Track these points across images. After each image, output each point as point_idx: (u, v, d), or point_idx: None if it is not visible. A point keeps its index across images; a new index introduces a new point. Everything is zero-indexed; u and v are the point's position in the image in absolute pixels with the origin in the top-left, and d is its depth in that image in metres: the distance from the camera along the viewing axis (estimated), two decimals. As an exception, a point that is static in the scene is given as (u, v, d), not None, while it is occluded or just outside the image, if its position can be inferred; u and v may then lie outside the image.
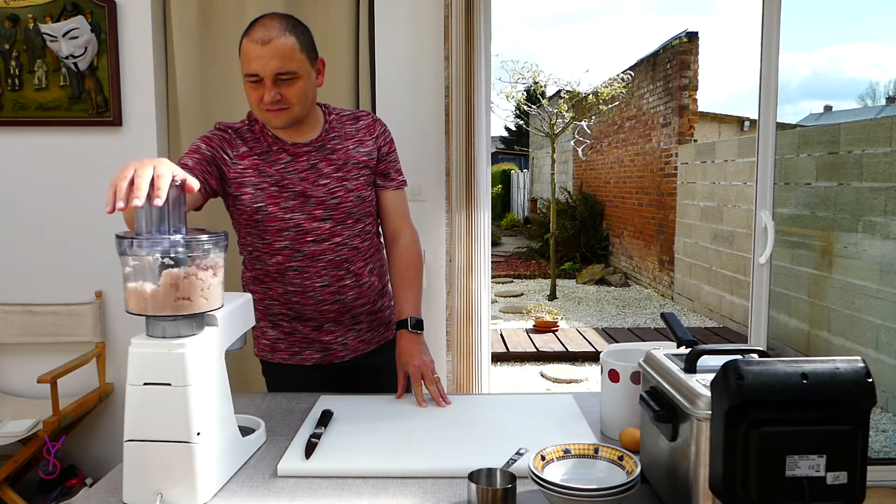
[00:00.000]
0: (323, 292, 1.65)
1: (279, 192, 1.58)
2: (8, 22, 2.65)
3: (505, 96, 8.78)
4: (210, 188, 1.54)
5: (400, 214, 1.76)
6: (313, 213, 1.60)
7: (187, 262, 1.09)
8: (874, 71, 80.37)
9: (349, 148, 1.65)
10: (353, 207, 1.64)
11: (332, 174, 1.61)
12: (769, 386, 0.87)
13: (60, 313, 2.75)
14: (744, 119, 10.48)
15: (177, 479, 1.10)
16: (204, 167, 1.52)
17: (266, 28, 1.48)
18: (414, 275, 1.72)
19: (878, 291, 3.99)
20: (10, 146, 2.73)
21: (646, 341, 2.05)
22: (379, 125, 1.71)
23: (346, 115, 1.69)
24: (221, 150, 1.56)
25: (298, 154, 1.60)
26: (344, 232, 1.63)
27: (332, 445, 1.31)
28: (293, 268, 1.63)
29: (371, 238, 1.72)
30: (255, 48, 1.47)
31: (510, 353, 5.63)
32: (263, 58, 1.46)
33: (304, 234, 1.60)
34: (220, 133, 1.59)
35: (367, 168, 1.66)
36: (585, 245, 10.62)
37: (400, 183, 1.75)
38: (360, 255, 1.68)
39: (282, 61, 1.47)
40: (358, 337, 1.74)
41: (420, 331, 1.65)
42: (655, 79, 9.00)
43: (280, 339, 1.72)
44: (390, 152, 1.72)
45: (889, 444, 3.71)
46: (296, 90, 1.51)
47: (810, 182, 4.80)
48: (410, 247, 1.75)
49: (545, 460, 1.13)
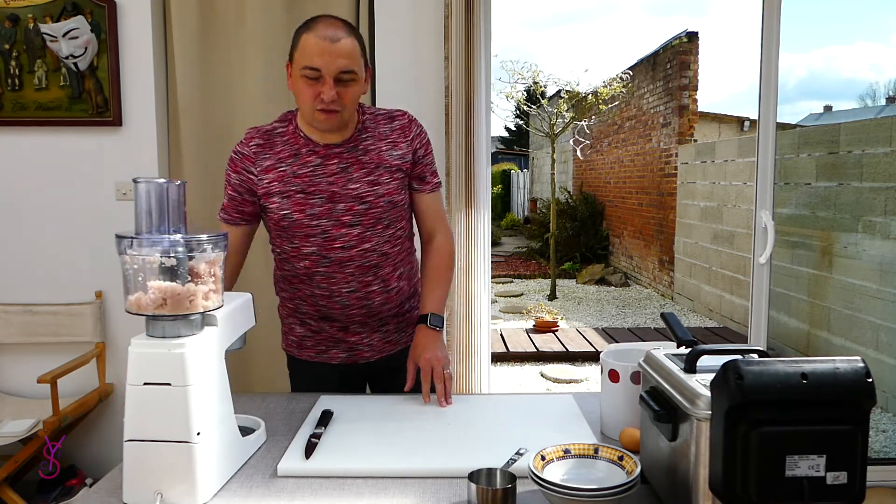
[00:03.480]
0: (349, 297, 1.64)
1: (305, 199, 1.56)
2: (8, 22, 2.65)
3: (505, 96, 8.78)
4: (248, 215, 1.61)
5: (435, 216, 1.72)
6: (341, 219, 1.57)
7: (186, 268, 1.09)
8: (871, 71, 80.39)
9: (382, 149, 1.61)
10: (383, 213, 1.60)
11: (363, 178, 1.58)
12: (769, 386, 0.87)
13: (60, 313, 2.75)
14: (744, 119, 10.49)
15: (177, 479, 1.10)
16: (235, 201, 1.60)
17: (333, 27, 1.47)
18: (442, 274, 1.71)
19: (878, 291, 3.99)
20: (10, 146, 2.73)
21: (646, 341, 2.05)
22: (415, 126, 1.66)
23: (382, 115, 1.65)
24: (246, 172, 1.58)
25: (329, 156, 1.57)
26: (373, 238, 1.60)
27: (332, 445, 1.31)
28: (320, 272, 1.62)
29: (402, 243, 1.68)
30: (323, 44, 1.45)
31: (510, 353, 5.63)
32: (330, 55, 1.45)
33: (331, 240, 1.58)
34: (242, 150, 1.59)
35: (399, 171, 1.62)
36: (585, 245, 10.62)
37: (435, 185, 1.70)
38: (389, 260, 1.65)
39: (348, 60, 1.47)
40: (384, 338, 1.73)
41: (439, 327, 1.64)
42: (655, 79, 9.00)
43: (307, 337, 1.73)
44: (426, 154, 1.67)
45: (889, 444, 3.71)
46: (351, 92, 1.50)
47: (810, 182, 4.80)
48: (443, 246, 1.72)
49: (545, 460, 1.13)
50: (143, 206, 1.09)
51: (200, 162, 2.74)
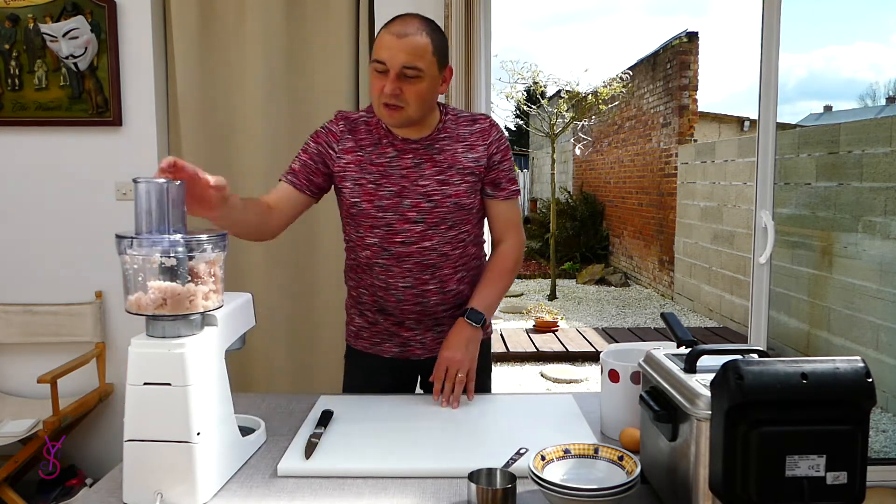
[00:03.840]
0: (405, 293, 1.65)
1: (376, 189, 1.58)
2: (8, 22, 2.65)
3: (505, 96, 8.80)
4: (317, 187, 1.61)
5: (507, 223, 1.71)
6: (406, 215, 1.59)
7: (186, 268, 1.09)
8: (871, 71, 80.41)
9: (457, 151, 1.61)
10: (447, 213, 1.60)
11: (433, 176, 1.59)
12: (769, 386, 0.87)
13: (60, 313, 2.75)
14: (744, 119, 10.49)
15: (177, 479, 1.10)
16: (309, 168, 1.60)
17: (405, 23, 1.50)
18: (498, 275, 1.69)
19: (878, 291, 3.99)
20: (10, 146, 2.73)
21: (646, 341, 2.05)
22: (495, 131, 1.66)
23: (464, 117, 1.66)
24: (327, 146, 1.61)
25: (405, 150, 1.59)
26: (435, 237, 1.61)
27: (332, 445, 1.31)
28: (379, 264, 1.63)
29: (466, 247, 1.67)
30: (390, 39, 1.48)
31: (510, 353, 5.63)
32: (395, 49, 1.47)
33: (393, 234, 1.60)
34: (331, 126, 1.63)
35: (472, 175, 1.62)
36: (585, 245, 10.62)
37: (511, 193, 1.68)
38: (448, 261, 1.64)
39: (411, 57, 1.48)
40: (437, 338, 1.71)
41: (476, 324, 1.61)
42: (655, 79, 9.00)
43: (364, 328, 1.75)
44: (503, 160, 1.66)
45: (889, 444, 3.71)
46: (416, 89, 1.50)
47: (810, 182, 4.80)
48: (508, 251, 1.71)
49: (545, 460, 1.13)
50: (143, 206, 1.09)
51: (200, 162, 2.72)
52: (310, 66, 2.70)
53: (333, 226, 2.75)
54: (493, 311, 1.68)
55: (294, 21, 2.69)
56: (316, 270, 2.79)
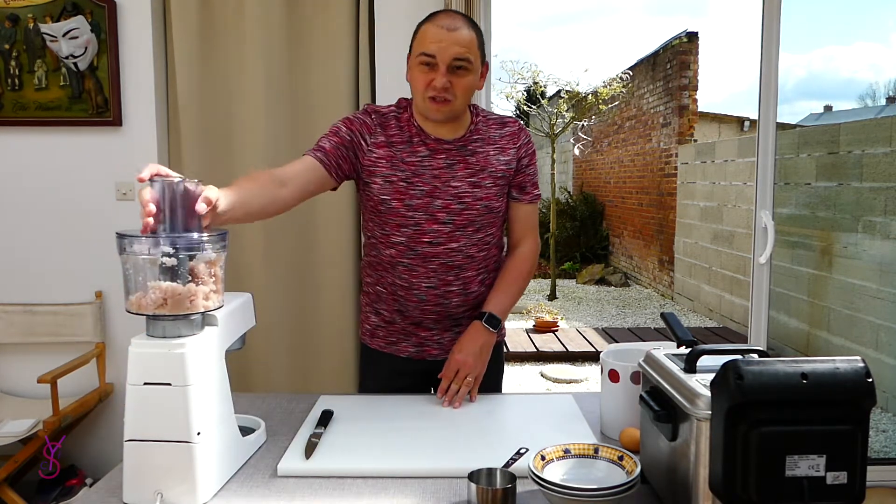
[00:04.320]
0: (428, 293, 1.64)
1: (407, 188, 1.57)
2: (8, 22, 2.65)
3: (505, 96, 8.80)
4: (342, 172, 1.56)
5: (526, 226, 1.71)
6: (436, 215, 1.58)
7: (186, 268, 1.09)
8: (870, 71, 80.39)
9: (489, 153, 1.61)
10: (477, 216, 1.60)
11: (466, 178, 1.58)
12: (769, 386, 0.87)
13: (60, 313, 2.75)
14: (744, 119, 10.49)
15: (177, 479, 1.10)
16: (340, 151, 1.55)
17: (452, 17, 1.52)
18: (515, 279, 1.69)
19: (878, 291, 3.99)
20: (10, 146, 2.73)
21: (646, 341, 2.05)
22: (524, 135, 1.67)
23: (493, 119, 1.66)
24: (360, 136, 1.58)
25: (438, 150, 1.58)
26: (462, 238, 1.60)
27: (332, 445, 1.31)
28: (404, 263, 1.62)
29: (490, 249, 1.67)
30: (440, 32, 1.49)
31: (510, 353, 5.62)
32: (446, 41, 1.48)
33: (421, 234, 1.59)
34: (364, 117, 1.60)
35: (503, 178, 1.62)
36: (585, 245, 10.62)
37: (534, 197, 1.70)
38: (473, 263, 1.64)
39: (464, 49, 1.49)
40: (454, 339, 1.69)
41: (493, 328, 1.61)
42: (655, 79, 9.00)
43: (380, 327, 1.73)
44: (530, 164, 1.67)
45: (889, 444, 3.71)
46: (465, 82, 1.51)
47: (810, 182, 4.80)
48: (526, 254, 1.71)
49: (545, 460, 1.13)
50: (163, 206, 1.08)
51: (200, 162, 2.74)
52: (310, 66, 2.70)
53: (334, 225, 2.77)
54: (507, 315, 1.68)
55: (294, 21, 2.69)
56: (316, 270, 2.79)
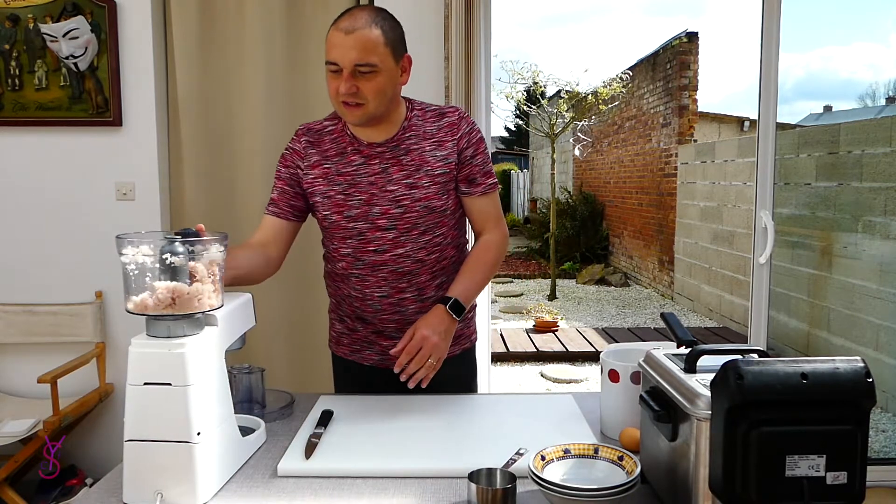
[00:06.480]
0: (381, 302, 1.61)
1: (344, 200, 1.55)
2: (8, 22, 2.65)
3: (505, 96, 8.80)
4: (299, 210, 1.60)
5: (487, 218, 1.62)
6: (377, 223, 1.54)
7: (187, 268, 1.09)
8: (869, 72, 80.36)
9: (425, 150, 1.54)
10: (418, 218, 1.54)
11: (401, 180, 1.53)
12: (769, 386, 0.87)
13: (60, 313, 2.75)
14: (744, 119, 10.48)
15: (177, 479, 1.10)
16: (286, 195, 1.59)
17: (353, 18, 1.43)
18: (478, 264, 1.59)
19: (878, 291, 3.99)
20: (10, 146, 2.73)
21: (646, 341, 2.05)
22: (464, 124, 1.57)
23: (431, 111, 1.59)
24: (295, 167, 1.59)
25: (371, 156, 1.54)
26: (407, 244, 1.55)
27: (332, 445, 1.31)
28: (355, 274, 1.60)
29: (443, 250, 1.60)
30: (339, 36, 1.42)
31: (510, 353, 5.63)
32: (344, 47, 1.41)
33: (366, 243, 1.56)
34: (294, 145, 1.60)
35: (442, 175, 1.54)
36: (585, 245, 10.62)
37: (488, 187, 1.60)
38: (425, 267, 1.58)
39: (362, 53, 1.41)
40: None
41: (456, 315, 1.50)
42: (655, 79, 9.00)
43: (344, 335, 1.72)
44: (476, 154, 1.57)
45: (889, 444, 3.71)
46: (373, 85, 1.44)
47: (810, 182, 4.80)
48: (488, 243, 1.61)
49: (545, 460, 1.13)
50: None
51: (200, 162, 2.74)
52: (310, 66, 2.70)
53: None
54: (470, 303, 1.57)
55: (294, 21, 2.69)
56: (316, 270, 2.76)
